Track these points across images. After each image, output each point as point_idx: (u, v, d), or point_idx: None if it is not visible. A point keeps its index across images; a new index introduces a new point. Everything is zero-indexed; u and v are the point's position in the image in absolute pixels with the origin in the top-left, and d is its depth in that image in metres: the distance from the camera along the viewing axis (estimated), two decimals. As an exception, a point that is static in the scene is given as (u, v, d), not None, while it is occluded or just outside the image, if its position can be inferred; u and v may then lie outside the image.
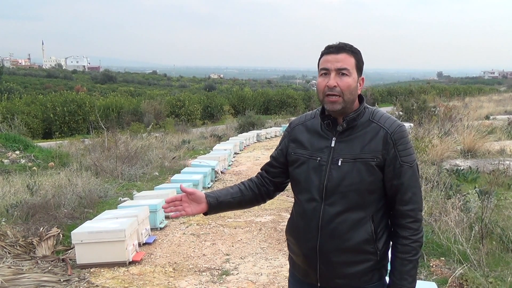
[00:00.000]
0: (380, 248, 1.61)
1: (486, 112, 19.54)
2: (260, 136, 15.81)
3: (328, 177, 1.59)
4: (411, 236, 1.59)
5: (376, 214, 1.61)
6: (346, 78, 1.58)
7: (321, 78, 1.61)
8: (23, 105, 22.03)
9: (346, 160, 1.58)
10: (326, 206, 1.59)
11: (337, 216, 1.58)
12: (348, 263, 1.60)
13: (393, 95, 34.26)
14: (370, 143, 1.58)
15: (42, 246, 4.48)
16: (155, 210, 5.29)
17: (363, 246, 1.58)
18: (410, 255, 1.59)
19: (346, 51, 1.59)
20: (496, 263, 3.77)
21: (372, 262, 1.61)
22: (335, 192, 1.58)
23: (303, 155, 1.67)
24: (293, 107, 29.94)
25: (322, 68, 1.61)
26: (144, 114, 21.73)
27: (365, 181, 1.56)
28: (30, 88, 49.98)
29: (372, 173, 1.57)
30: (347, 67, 1.58)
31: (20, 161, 9.52)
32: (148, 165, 9.28)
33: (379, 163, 1.57)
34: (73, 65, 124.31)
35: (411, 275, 1.60)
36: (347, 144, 1.60)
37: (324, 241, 1.59)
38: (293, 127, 1.77)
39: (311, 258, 1.64)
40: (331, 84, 1.57)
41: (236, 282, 3.91)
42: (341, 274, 1.61)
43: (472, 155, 8.74)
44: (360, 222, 1.58)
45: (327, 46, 1.63)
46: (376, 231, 1.60)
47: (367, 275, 1.62)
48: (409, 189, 1.59)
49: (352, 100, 1.61)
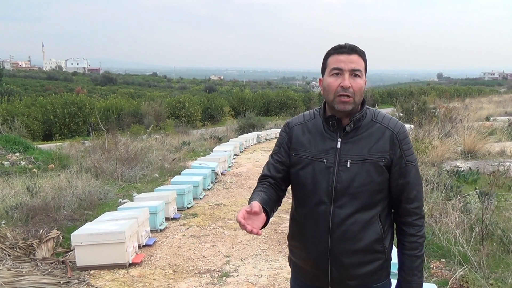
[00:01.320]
0: (387, 247, 1.64)
1: (486, 113, 19.54)
2: (260, 137, 15.82)
3: (337, 179, 1.58)
4: (417, 232, 1.64)
5: (382, 213, 1.63)
6: (358, 79, 1.58)
7: (333, 78, 1.58)
8: (23, 107, 22.03)
9: (355, 161, 1.58)
10: (336, 208, 1.58)
11: (347, 218, 1.58)
12: (359, 264, 1.60)
13: (393, 96, 34.32)
14: (377, 143, 1.59)
15: (42, 248, 4.47)
16: (155, 212, 5.28)
17: (374, 246, 1.60)
18: (418, 251, 1.64)
19: (358, 53, 1.59)
20: (497, 265, 3.77)
21: (381, 260, 1.64)
22: (345, 194, 1.57)
23: (306, 157, 1.64)
24: (293, 109, 29.97)
25: (334, 68, 1.58)
26: (144, 115, 21.76)
27: (375, 181, 1.58)
28: (30, 90, 50.01)
29: (381, 173, 1.58)
30: (360, 68, 1.58)
31: (20, 163, 9.52)
32: (148, 166, 9.28)
33: (386, 163, 1.59)
34: (73, 67, 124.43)
35: (419, 270, 1.64)
36: (354, 145, 1.60)
37: (335, 243, 1.59)
38: (291, 127, 1.73)
39: (321, 261, 1.62)
40: (346, 85, 1.55)
41: (236, 284, 3.90)
42: (353, 275, 1.61)
43: (473, 156, 8.73)
44: (369, 222, 1.59)
45: (337, 46, 1.61)
46: (384, 229, 1.62)
47: (377, 274, 1.64)
48: (414, 188, 1.63)
49: (360, 101, 1.61)
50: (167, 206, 5.80)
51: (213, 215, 6.13)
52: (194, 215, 6.16)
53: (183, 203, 6.41)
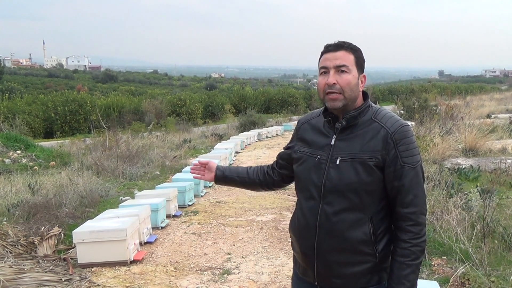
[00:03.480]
0: (379, 250, 1.58)
1: (488, 111, 19.49)
2: (261, 135, 15.81)
3: (326, 176, 1.58)
4: (410, 239, 1.54)
5: (376, 215, 1.58)
6: (345, 75, 1.57)
7: (321, 77, 1.62)
8: (24, 105, 22.05)
9: (344, 159, 1.57)
10: (324, 205, 1.58)
11: (334, 215, 1.57)
12: (345, 263, 1.58)
13: (394, 94, 34.23)
14: (370, 142, 1.56)
15: (44, 246, 4.48)
16: (156, 209, 5.29)
17: (360, 247, 1.56)
18: (409, 259, 1.54)
19: (345, 49, 1.59)
20: (498, 262, 3.76)
21: (370, 264, 1.58)
22: (333, 191, 1.57)
23: (306, 153, 1.68)
24: (294, 106, 29.91)
25: (321, 67, 1.62)
26: (145, 113, 21.75)
27: (363, 181, 1.54)
28: (31, 87, 50.04)
29: (370, 173, 1.54)
30: (346, 63, 1.57)
31: (22, 161, 9.53)
32: (149, 164, 9.29)
33: (378, 163, 1.54)
34: (74, 64, 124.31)
35: (409, 280, 1.55)
36: (347, 142, 1.59)
37: (321, 239, 1.59)
38: (300, 125, 1.78)
39: (309, 256, 1.64)
40: (330, 82, 1.57)
41: (238, 281, 3.90)
42: (338, 274, 1.60)
43: (474, 153, 8.71)
44: (358, 223, 1.56)
45: (326, 45, 1.63)
46: (376, 232, 1.57)
47: (365, 276, 1.59)
48: (410, 191, 1.55)
49: (353, 97, 1.59)
50: (168, 203, 5.80)
51: (214, 213, 6.14)
52: (195, 213, 6.16)
53: (184, 201, 6.42)
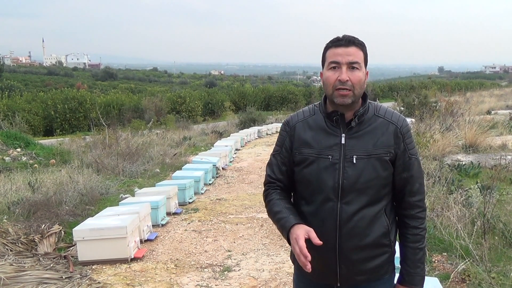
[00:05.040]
0: (393, 240, 1.65)
1: (488, 107, 19.47)
2: (261, 132, 15.81)
3: (343, 175, 1.56)
4: (420, 225, 1.65)
5: (387, 207, 1.63)
6: (357, 72, 1.55)
7: (331, 72, 1.56)
8: (24, 103, 22.00)
9: (361, 157, 1.56)
10: (343, 204, 1.57)
11: (355, 213, 1.57)
12: (367, 259, 1.60)
13: (394, 90, 34.19)
14: (382, 138, 1.58)
15: (44, 244, 4.48)
16: (156, 206, 5.29)
17: (381, 240, 1.60)
18: (420, 243, 1.65)
19: (356, 45, 1.57)
20: (498, 258, 3.77)
21: (388, 254, 1.64)
22: (352, 190, 1.56)
23: (311, 155, 1.61)
24: (294, 103, 29.90)
25: (332, 61, 1.56)
26: (145, 111, 21.72)
27: (381, 176, 1.58)
28: (31, 85, 49.96)
29: (386, 168, 1.59)
30: (358, 60, 1.55)
31: (22, 159, 9.52)
32: (149, 162, 9.28)
33: (391, 157, 1.59)
34: (74, 62, 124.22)
35: (422, 262, 1.66)
36: (358, 140, 1.58)
37: (343, 240, 1.58)
38: (292, 125, 1.68)
39: (329, 259, 1.60)
40: (343, 78, 1.53)
41: (238, 278, 3.90)
42: (362, 270, 1.61)
43: (474, 150, 8.71)
44: (376, 217, 1.59)
45: (335, 39, 1.59)
46: (389, 223, 1.63)
47: (384, 267, 1.65)
48: (417, 181, 1.64)
49: (361, 94, 1.59)
50: (169, 201, 5.80)
51: (214, 210, 6.14)
52: (196, 210, 6.16)
53: (184, 198, 6.42)
